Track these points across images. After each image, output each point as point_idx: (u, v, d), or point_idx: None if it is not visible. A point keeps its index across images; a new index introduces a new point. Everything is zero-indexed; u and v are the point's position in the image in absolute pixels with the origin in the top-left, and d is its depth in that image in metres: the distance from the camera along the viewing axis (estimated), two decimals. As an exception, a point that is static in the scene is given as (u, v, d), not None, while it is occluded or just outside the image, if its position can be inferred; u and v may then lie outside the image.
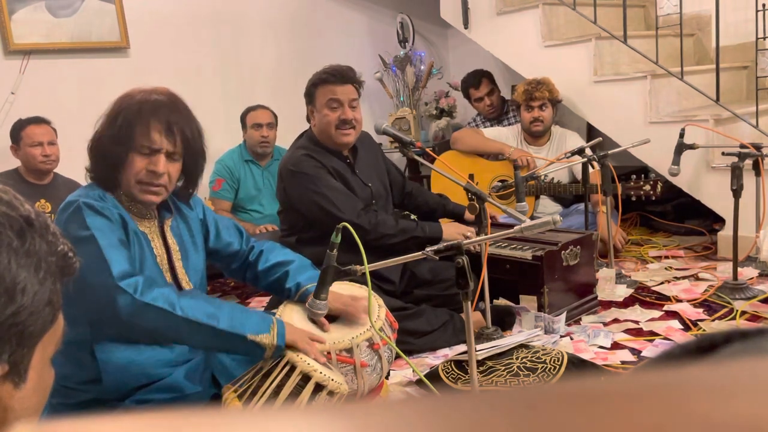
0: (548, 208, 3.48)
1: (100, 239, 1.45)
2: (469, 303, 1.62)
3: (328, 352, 1.58)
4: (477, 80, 4.07)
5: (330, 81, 2.38)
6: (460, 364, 1.98)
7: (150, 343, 1.56)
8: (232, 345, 1.51)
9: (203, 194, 3.62)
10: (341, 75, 2.38)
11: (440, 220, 2.98)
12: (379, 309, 1.72)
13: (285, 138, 3.60)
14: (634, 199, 3.09)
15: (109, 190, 1.58)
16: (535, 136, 3.54)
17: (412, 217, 2.96)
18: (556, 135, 3.58)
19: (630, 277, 2.90)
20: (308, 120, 2.51)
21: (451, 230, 2.45)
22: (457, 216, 2.80)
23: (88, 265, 1.42)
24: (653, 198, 3.08)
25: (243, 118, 3.73)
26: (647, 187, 3.03)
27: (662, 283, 2.82)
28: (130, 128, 1.52)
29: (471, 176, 3.44)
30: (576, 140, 3.49)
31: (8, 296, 0.57)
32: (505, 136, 3.62)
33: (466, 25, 4.18)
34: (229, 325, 1.46)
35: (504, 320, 2.42)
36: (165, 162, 1.55)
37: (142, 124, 1.52)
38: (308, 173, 2.37)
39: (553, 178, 3.41)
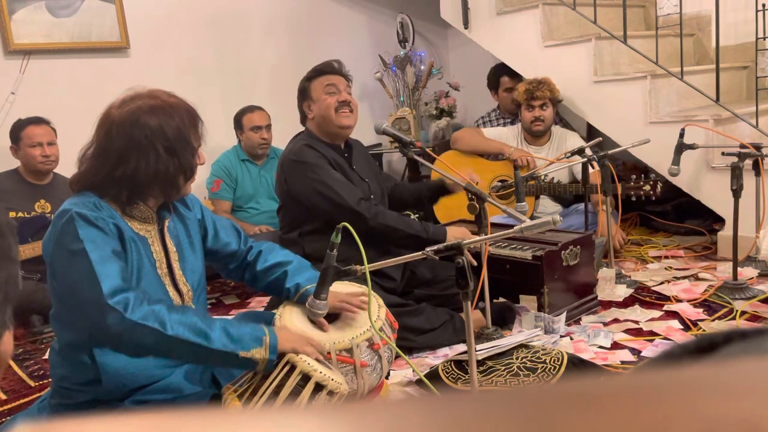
0: (548, 208, 3.48)
1: (91, 253, 1.44)
2: (469, 303, 1.62)
3: (328, 352, 1.58)
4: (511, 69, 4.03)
5: (325, 72, 2.48)
6: (460, 364, 1.98)
7: (141, 356, 1.55)
8: (224, 362, 1.51)
9: (201, 195, 3.62)
10: (331, 67, 2.49)
11: (443, 221, 2.98)
12: (379, 309, 1.72)
13: (284, 138, 3.59)
14: (634, 199, 3.09)
15: (105, 196, 1.55)
16: (536, 135, 3.54)
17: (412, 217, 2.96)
18: (556, 135, 3.58)
19: (630, 277, 2.90)
20: (302, 122, 2.53)
21: (456, 232, 2.44)
22: (440, 190, 2.69)
23: (79, 279, 1.43)
24: (653, 198, 3.08)
25: (238, 120, 3.73)
26: (647, 187, 3.04)
27: (662, 283, 2.82)
28: (187, 139, 1.57)
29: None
30: (576, 140, 3.49)
31: None
32: (506, 136, 3.62)
33: (466, 25, 4.18)
34: (220, 344, 1.45)
35: (504, 316, 2.42)
36: None
37: (194, 129, 1.59)
38: (310, 162, 2.39)
39: (553, 178, 3.41)
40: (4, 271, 0.62)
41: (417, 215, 2.94)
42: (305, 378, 1.48)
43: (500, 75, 4.07)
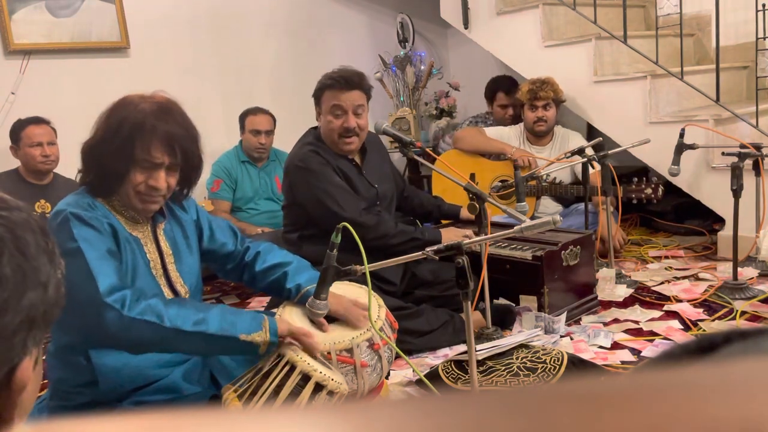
0: (549, 209, 3.48)
1: (86, 252, 1.43)
2: (469, 303, 1.62)
3: (328, 352, 1.58)
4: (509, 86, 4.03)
5: (335, 87, 2.36)
6: (460, 364, 1.98)
7: (141, 352, 1.54)
8: (225, 348, 1.50)
9: (201, 195, 3.63)
10: (346, 81, 2.36)
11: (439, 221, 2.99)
12: (379, 309, 1.72)
13: (284, 138, 3.60)
14: (635, 202, 3.08)
15: (100, 196, 1.56)
16: (538, 135, 3.53)
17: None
18: (558, 135, 3.57)
19: (630, 277, 2.90)
20: (318, 119, 2.51)
21: (450, 235, 2.45)
22: (453, 216, 2.81)
23: (76, 279, 1.41)
24: (655, 201, 3.07)
25: (242, 120, 3.73)
26: (648, 191, 3.03)
27: (662, 283, 2.82)
28: (130, 143, 1.49)
29: (472, 176, 3.43)
30: (579, 141, 3.48)
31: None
32: (507, 135, 3.61)
33: (466, 25, 4.18)
34: (219, 329, 1.44)
35: (504, 319, 2.42)
36: (165, 176, 1.53)
37: (143, 140, 1.50)
38: (314, 170, 2.37)
39: (555, 178, 3.41)
40: (28, 295, 0.62)
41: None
42: (305, 378, 1.48)
43: (496, 90, 4.04)
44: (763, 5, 3.12)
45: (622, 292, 2.72)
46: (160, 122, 1.51)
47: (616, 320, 2.46)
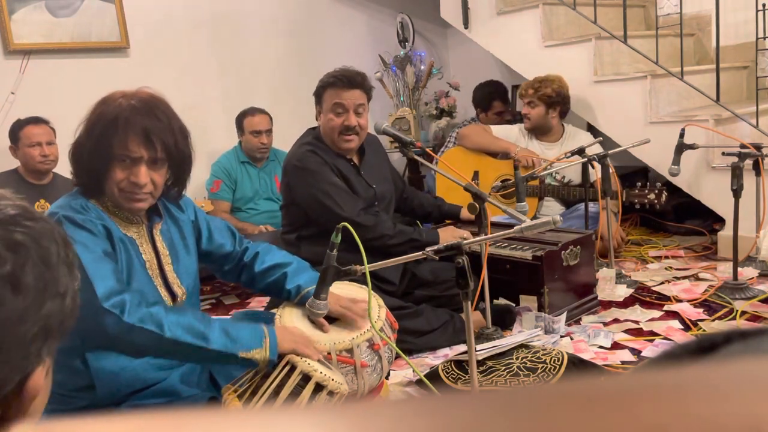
0: (553, 210, 3.46)
1: (82, 256, 1.41)
2: (469, 303, 1.62)
3: (329, 353, 1.58)
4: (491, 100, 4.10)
5: (337, 85, 2.38)
6: (460, 364, 1.98)
7: (140, 357, 1.54)
8: (224, 362, 1.50)
9: (201, 195, 3.63)
10: (348, 80, 2.37)
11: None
12: (379, 309, 1.72)
13: (284, 138, 3.60)
14: (638, 207, 3.06)
15: (92, 197, 1.55)
16: (541, 133, 3.53)
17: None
18: (568, 133, 3.55)
19: (630, 277, 2.90)
20: (317, 119, 2.51)
21: (447, 235, 2.46)
22: (453, 216, 2.82)
23: None
24: (657, 207, 3.05)
25: (240, 121, 3.73)
26: (652, 196, 3.02)
27: (662, 283, 2.82)
28: (107, 139, 1.47)
29: (476, 174, 3.41)
30: (588, 141, 3.45)
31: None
32: (515, 135, 3.58)
33: (466, 25, 4.18)
34: (220, 345, 1.44)
35: (504, 319, 2.42)
36: (146, 171, 1.50)
37: (119, 135, 1.47)
38: (312, 169, 2.38)
39: (564, 177, 3.40)
40: (47, 305, 0.62)
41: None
42: (305, 378, 1.48)
43: (493, 98, 4.09)
44: (764, 5, 3.12)
45: (622, 292, 2.72)
46: (137, 116, 1.48)
47: (616, 320, 2.46)
